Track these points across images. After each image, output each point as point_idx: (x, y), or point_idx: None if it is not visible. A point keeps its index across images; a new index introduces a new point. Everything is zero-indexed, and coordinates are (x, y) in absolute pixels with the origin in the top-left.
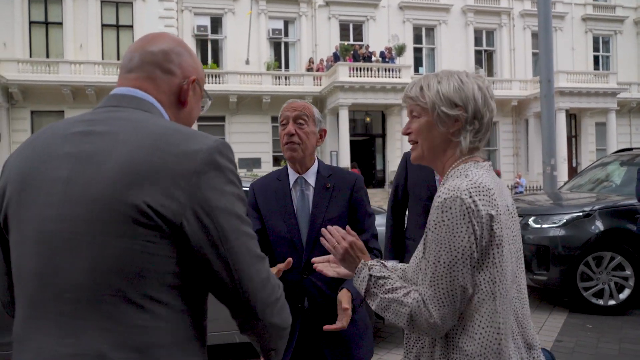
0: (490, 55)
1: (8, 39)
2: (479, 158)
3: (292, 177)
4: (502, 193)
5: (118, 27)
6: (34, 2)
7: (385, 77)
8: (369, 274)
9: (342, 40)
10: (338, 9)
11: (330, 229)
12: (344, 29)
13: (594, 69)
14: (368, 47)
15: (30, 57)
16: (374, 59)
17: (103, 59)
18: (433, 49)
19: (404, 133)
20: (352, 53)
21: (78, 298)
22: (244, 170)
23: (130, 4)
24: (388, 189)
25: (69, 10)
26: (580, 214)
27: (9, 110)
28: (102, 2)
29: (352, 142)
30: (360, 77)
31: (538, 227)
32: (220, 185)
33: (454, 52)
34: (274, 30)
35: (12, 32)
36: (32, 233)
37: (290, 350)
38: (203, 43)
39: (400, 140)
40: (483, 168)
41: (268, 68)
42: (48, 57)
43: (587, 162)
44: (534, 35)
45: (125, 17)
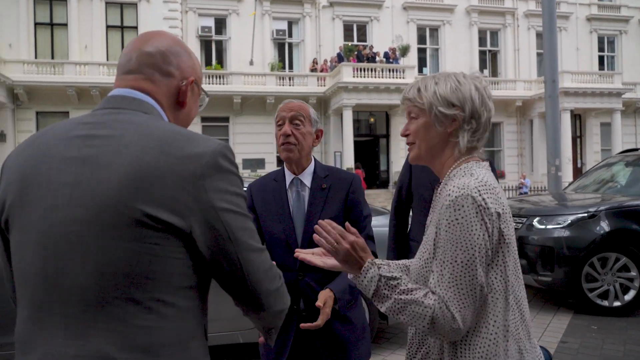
0: (495, 56)
1: (13, 40)
2: (478, 158)
3: (288, 177)
4: (501, 193)
5: (122, 28)
6: (39, 3)
7: (389, 77)
8: (379, 274)
9: (346, 41)
10: (342, 10)
11: (324, 225)
12: (348, 30)
13: (599, 69)
14: (372, 47)
15: (36, 58)
16: (378, 60)
17: (108, 60)
18: (437, 50)
19: (403, 134)
20: (356, 53)
21: (85, 300)
22: (248, 171)
23: (135, 5)
24: (392, 190)
25: (74, 12)
26: (585, 215)
27: (15, 111)
28: (106, 3)
29: (356, 142)
30: (364, 77)
31: (543, 227)
32: (225, 187)
33: (458, 52)
34: (278, 31)
35: (17, 33)
36: (36, 235)
37: (287, 352)
38: (207, 44)
39: (405, 141)
40: (484, 168)
41: (272, 69)
42: (53, 58)
43: (592, 162)
44: (539, 36)
45: (130, 18)
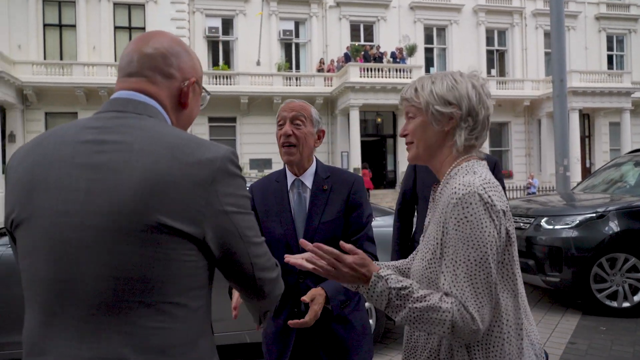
0: (502, 55)
1: (23, 42)
2: (477, 157)
3: (289, 179)
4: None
5: (130, 29)
6: (48, 5)
7: (396, 77)
8: (388, 287)
9: (352, 41)
10: (349, 10)
11: (315, 250)
12: (355, 30)
13: (608, 68)
14: (379, 47)
15: (45, 59)
16: (385, 60)
17: (116, 61)
18: (444, 49)
19: (402, 135)
20: (362, 53)
21: (99, 304)
22: (255, 171)
23: (142, 6)
24: (399, 190)
25: (82, 13)
26: (594, 215)
27: (24, 112)
28: (114, 4)
29: (363, 142)
30: (371, 77)
31: (551, 228)
32: (233, 190)
33: (466, 52)
34: (285, 31)
35: (26, 34)
36: (46, 241)
37: (288, 354)
38: (214, 44)
39: None
40: (484, 166)
41: (279, 69)
42: (62, 59)
43: (600, 162)
44: (547, 35)
45: (138, 19)
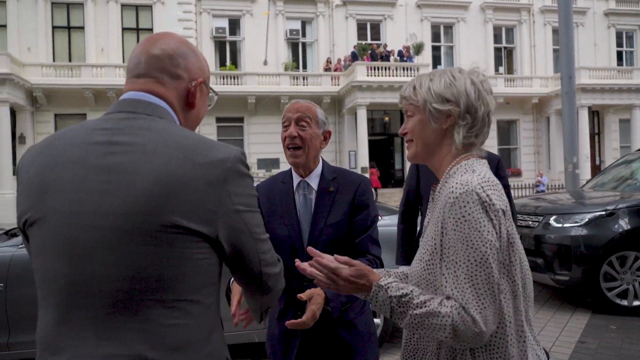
0: (510, 53)
1: (32, 44)
2: (477, 155)
3: (295, 180)
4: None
5: (138, 30)
6: (57, 7)
7: (404, 76)
8: (389, 296)
9: (359, 40)
10: (355, 9)
11: (313, 264)
12: (362, 28)
13: (617, 65)
14: (386, 46)
15: (54, 61)
16: (392, 58)
17: (124, 62)
18: (451, 47)
19: (401, 133)
20: (369, 52)
21: (115, 303)
22: (263, 171)
23: (150, 8)
24: None
25: (91, 15)
26: (604, 213)
27: (34, 114)
28: (122, 5)
29: (370, 141)
30: (378, 76)
31: (560, 226)
32: (243, 190)
33: (473, 50)
34: (292, 31)
35: (35, 37)
36: (60, 241)
37: (292, 357)
38: (221, 45)
39: None
40: (484, 165)
41: (286, 69)
42: (70, 61)
43: (610, 159)
44: (555, 32)
45: (145, 20)
